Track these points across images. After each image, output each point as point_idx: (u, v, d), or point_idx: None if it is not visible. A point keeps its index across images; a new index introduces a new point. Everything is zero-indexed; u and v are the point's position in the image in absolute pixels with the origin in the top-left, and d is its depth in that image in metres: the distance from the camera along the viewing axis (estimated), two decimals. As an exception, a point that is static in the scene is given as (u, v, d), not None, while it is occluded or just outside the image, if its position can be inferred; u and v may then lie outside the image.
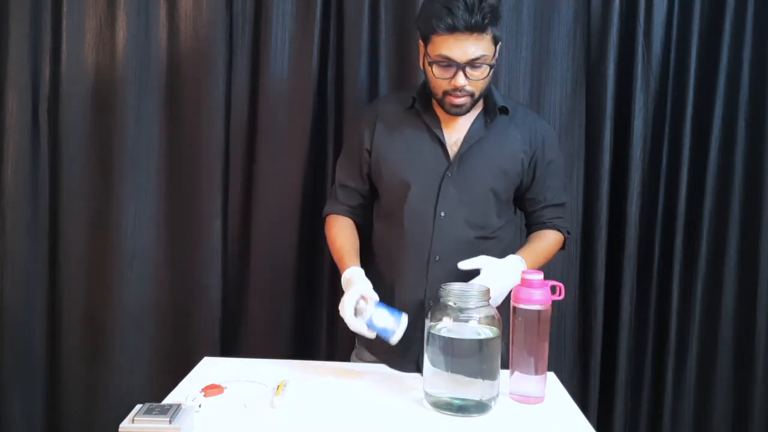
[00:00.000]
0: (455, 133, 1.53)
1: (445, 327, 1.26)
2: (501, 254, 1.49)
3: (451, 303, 1.27)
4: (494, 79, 1.94)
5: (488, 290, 1.29)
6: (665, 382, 2.00)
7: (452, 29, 1.37)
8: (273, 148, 1.97)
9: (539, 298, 1.32)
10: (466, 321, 1.26)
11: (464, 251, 1.48)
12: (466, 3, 1.35)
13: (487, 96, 1.53)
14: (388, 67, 1.96)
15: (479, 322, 1.26)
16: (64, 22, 1.96)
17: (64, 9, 1.96)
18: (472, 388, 1.25)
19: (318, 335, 2.03)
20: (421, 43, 1.48)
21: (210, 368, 1.48)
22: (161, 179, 2.00)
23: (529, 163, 1.57)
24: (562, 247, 1.67)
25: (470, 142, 1.51)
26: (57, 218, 2.01)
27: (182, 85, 1.98)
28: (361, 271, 1.47)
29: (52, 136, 2.00)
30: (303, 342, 2.02)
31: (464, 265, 1.42)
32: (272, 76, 1.95)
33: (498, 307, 1.33)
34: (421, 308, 1.48)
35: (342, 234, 1.59)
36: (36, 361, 2.04)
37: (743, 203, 1.98)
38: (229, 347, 2.01)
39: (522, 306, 1.32)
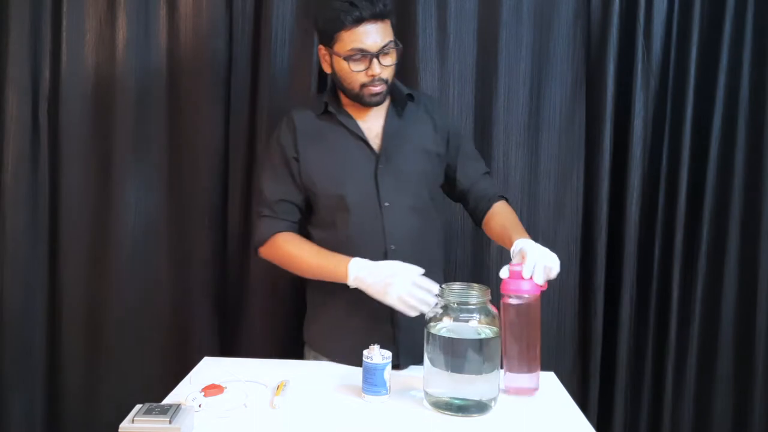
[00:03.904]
0: (373, 127, 1.58)
1: (445, 327, 1.26)
2: (439, 234, 1.65)
3: (451, 303, 1.27)
4: (495, 79, 1.96)
5: (488, 289, 1.29)
6: (665, 382, 2.00)
7: (359, 20, 1.42)
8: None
9: (528, 288, 1.33)
10: (466, 321, 1.26)
11: (414, 236, 1.53)
12: None
13: (392, 87, 1.57)
14: (388, 67, 1.96)
15: (479, 322, 1.26)
16: (64, 22, 1.96)
17: (64, 9, 1.96)
18: (472, 388, 1.24)
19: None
20: (322, 47, 1.53)
21: (210, 368, 1.48)
22: (161, 179, 2.00)
23: (447, 145, 1.64)
24: None
25: (391, 131, 1.57)
26: (57, 218, 2.01)
27: (182, 85, 1.98)
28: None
29: (52, 136, 2.00)
30: (303, 342, 2.02)
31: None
32: (272, 76, 1.96)
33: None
34: None
35: (307, 243, 1.57)
36: (36, 361, 2.04)
37: (743, 203, 1.99)
38: (229, 347, 2.01)
39: (511, 298, 1.34)
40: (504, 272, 1.35)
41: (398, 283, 1.37)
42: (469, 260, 2.02)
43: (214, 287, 2.01)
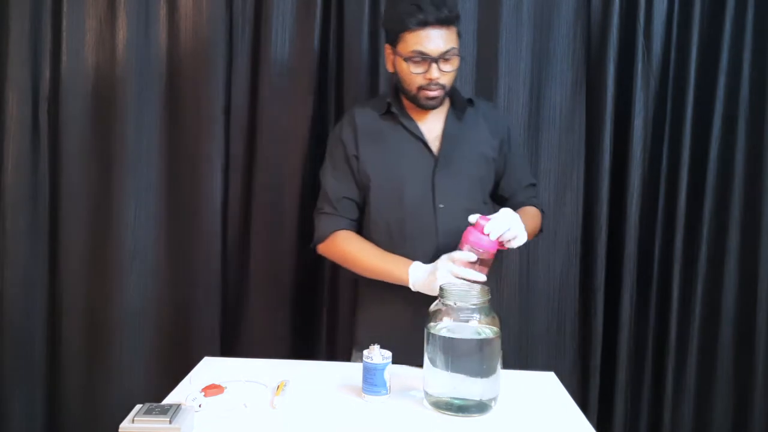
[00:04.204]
0: (432, 129, 1.60)
1: (445, 327, 1.26)
2: None
3: (451, 303, 1.27)
4: (495, 79, 1.96)
5: (489, 289, 1.29)
6: (665, 382, 2.00)
7: (423, 24, 1.45)
8: (273, 148, 1.97)
9: (484, 243, 1.41)
10: (466, 321, 1.26)
11: None
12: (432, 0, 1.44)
13: (452, 92, 1.60)
14: (389, 67, 1.96)
15: (479, 322, 1.26)
16: (64, 22, 1.96)
17: (64, 9, 1.96)
18: (472, 388, 1.24)
19: (318, 335, 2.03)
20: (387, 46, 1.55)
21: (210, 368, 1.48)
22: (161, 179, 2.00)
23: (500, 151, 1.66)
24: (540, 230, 1.71)
25: (450, 135, 1.59)
26: (57, 218, 2.01)
27: (182, 85, 1.98)
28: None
29: (52, 136, 2.00)
30: (303, 342, 2.02)
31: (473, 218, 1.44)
32: (272, 76, 1.96)
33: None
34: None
35: (367, 243, 1.57)
36: (36, 361, 2.04)
37: (743, 203, 1.99)
38: (229, 347, 2.01)
39: (466, 248, 1.42)
40: (472, 218, 1.44)
41: (438, 272, 1.42)
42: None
43: (214, 287, 2.01)
